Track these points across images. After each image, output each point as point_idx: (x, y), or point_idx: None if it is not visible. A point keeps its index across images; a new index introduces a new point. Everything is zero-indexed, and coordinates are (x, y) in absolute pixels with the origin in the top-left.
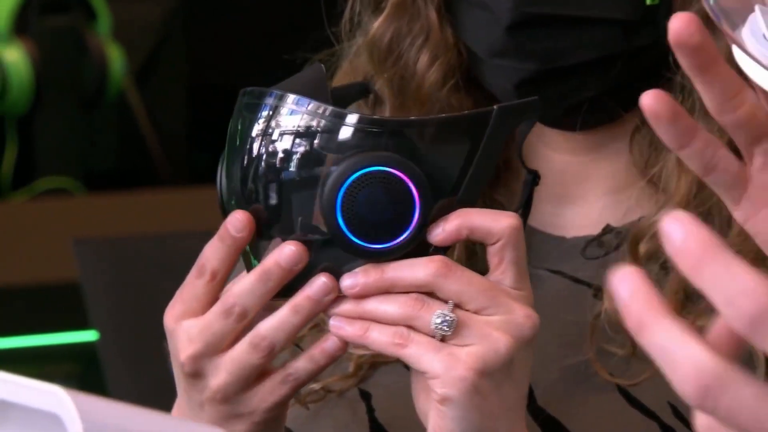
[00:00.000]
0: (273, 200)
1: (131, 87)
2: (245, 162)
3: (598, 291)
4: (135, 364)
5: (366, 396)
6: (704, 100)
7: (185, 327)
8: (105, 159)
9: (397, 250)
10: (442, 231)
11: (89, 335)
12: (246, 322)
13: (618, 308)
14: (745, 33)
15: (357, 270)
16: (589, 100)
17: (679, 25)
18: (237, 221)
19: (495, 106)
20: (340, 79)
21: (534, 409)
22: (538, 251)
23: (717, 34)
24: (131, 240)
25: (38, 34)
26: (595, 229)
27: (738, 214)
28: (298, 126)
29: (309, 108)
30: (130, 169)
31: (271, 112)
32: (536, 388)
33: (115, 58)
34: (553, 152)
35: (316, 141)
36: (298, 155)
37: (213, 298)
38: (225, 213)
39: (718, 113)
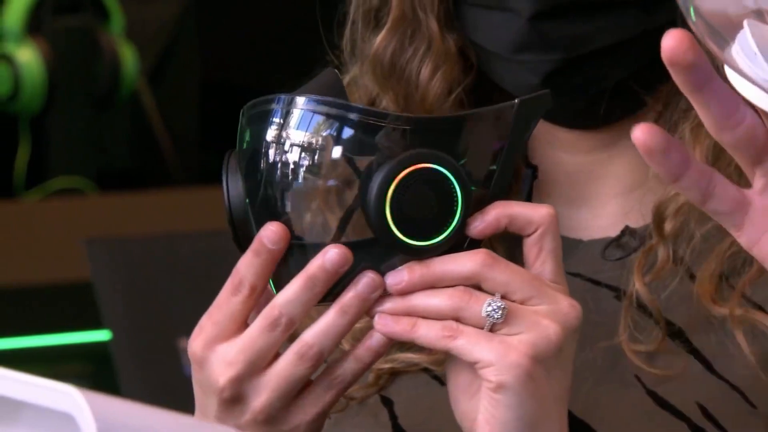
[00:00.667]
0: (307, 206)
1: (144, 87)
2: (272, 170)
3: (619, 293)
4: (147, 364)
5: (388, 402)
6: (702, 119)
7: (221, 351)
8: (117, 159)
9: (440, 246)
10: (481, 222)
11: (101, 335)
12: (290, 332)
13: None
14: (735, 51)
15: (401, 267)
16: (612, 89)
17: (672, 43)
18: (273, 233)
19: (516, 100)
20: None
21: None
22: None
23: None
24: (143, 240)
25: (51, 34)
26: (612, 230)
27: (743, 240)
28: (333, 128)
29: (339, 110)
30: (143, 169)
31: (294, 117)
32: None
33: (128, 58)
34: (565, 154)
35: (352, 142)
36: (332, 158)
37: (248, 315)
38: (235, 225)
39: (716, 132)
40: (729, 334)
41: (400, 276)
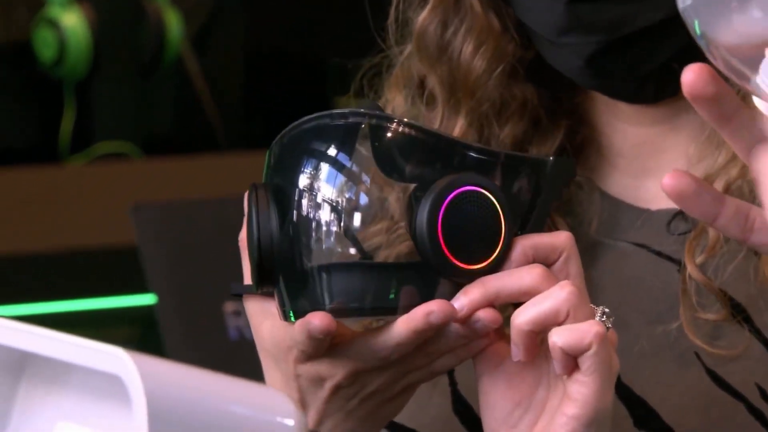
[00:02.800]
0: (354, 224)
1: (189, 52)
2: (329, 188)
3: (683, 267)
4: (192, 328)
5: None
6: (734, 148)
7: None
8: (162, 124)
9: (490, 269)
10: (511, 261)
11: (147, 299)
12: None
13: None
14: (761, 80)
15: (458, 294)
16: (660, 68)
17: (692, 77)
18: (319, 329)
19: (551, 157)
20: (395, 83)
21: (619, 386)
22: (622, 222)
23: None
24: (189, 204)
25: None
26: None
27: None
28: (397, 143)
29: (392, 126)
30: (187, 134)
31: (349, 137)
32: (620, 365)
33: (173, 23)
34: (629, 126)
35: (394, 165)
36: (387, 174)
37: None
38: (263, 262)
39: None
40: None
41: (459, 303)
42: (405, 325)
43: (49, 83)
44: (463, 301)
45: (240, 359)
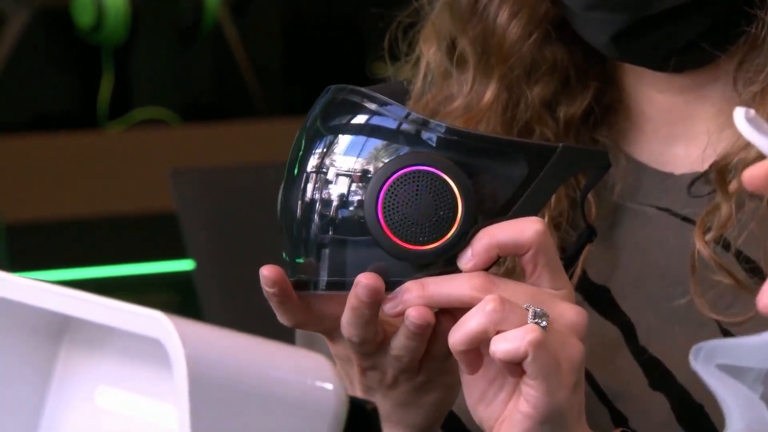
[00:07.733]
0: (324, 201)
1: (227, 19)
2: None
3: (692, 243)
4: (231, 293)
5: None
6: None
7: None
8: (200, 90)
9: (432, 255)
10: (472, 258)
11: (186, 264)
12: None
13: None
14: None
15: (397, 289)
16: (686, 43)
17: (751, 171)
18: (266, 279)
19: (560, 144)
20: (425, 41)
21: (636, 348)
22: (645, 186)
23: None
24: (227, 170)
25: None
26: (704, 166)
27: None
28: (364, 123)
29: (372, 107)
30: (225, 101)
31: (342, 110)
32: (638, 328)
33: None
34: (657, 92)
35: (374, 138)
36: (356, 152)
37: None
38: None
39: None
40: None
41: (395, 299)
42: (347, 302)
43: (88, 49)
44: (397, 297)
45: (278, 325)
